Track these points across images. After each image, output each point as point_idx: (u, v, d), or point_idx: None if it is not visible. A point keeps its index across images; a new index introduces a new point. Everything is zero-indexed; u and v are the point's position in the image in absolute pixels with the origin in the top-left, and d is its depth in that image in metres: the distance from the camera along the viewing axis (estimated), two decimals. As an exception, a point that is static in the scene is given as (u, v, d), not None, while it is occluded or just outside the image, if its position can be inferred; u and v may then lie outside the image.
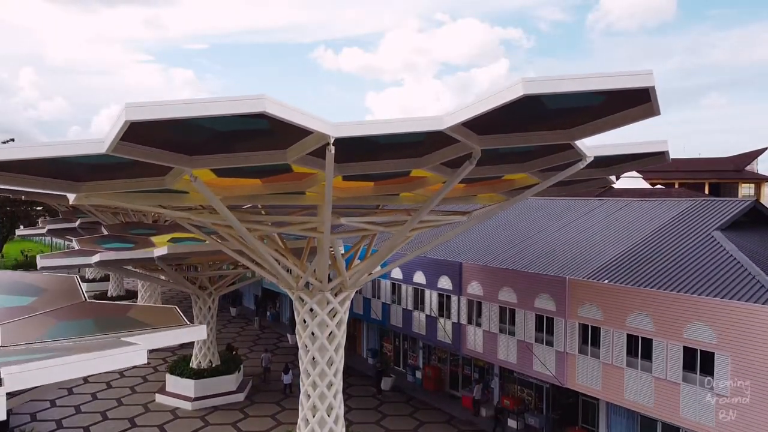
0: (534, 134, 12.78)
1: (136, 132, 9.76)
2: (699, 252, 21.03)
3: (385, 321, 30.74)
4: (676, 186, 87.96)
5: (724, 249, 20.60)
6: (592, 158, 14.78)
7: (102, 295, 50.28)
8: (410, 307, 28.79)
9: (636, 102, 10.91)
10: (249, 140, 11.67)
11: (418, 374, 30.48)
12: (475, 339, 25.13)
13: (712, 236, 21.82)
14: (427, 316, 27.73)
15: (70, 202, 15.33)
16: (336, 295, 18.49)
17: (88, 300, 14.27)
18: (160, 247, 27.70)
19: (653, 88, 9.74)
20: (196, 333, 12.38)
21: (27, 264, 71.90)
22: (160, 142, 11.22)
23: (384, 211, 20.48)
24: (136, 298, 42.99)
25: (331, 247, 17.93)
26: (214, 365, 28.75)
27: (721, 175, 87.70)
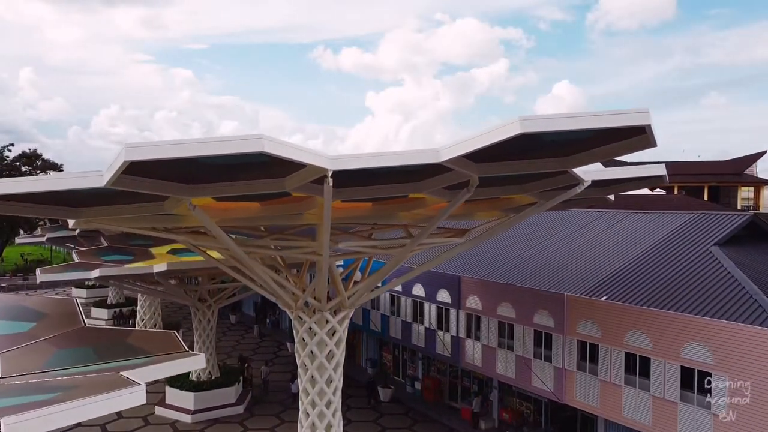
0: (531, 162, 12.85)
1: (135, 167, 9.81)
2: (697, 269, 21.09)
3: (385, 332, 30.81)
4: (676, 189, 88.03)
5: (722, 266, 20.65)
6: (590, 182, 14.87)
7: (102, 302, 50.33)
8: (409, 320, 28.86)
9: (633, 134, 10.97)
10: (248, 171, 11.73)
11: (417, 385, 30.56)
12: (473, 353, 25.20)
13: (710, 252, 21.88)
14: (426, 328, 27.80)
15: (70, 226, 15.43)
16: (335, 313, 18.56)
17: (87, 325, 14.36)
18: (159, 258, 27.80)
19: (649, 126, 9.79)
20: (195, 363, 12.44)
21: (27, 269, 71.99)
22: (159, 175, 11.28)
23: (383, 226, 20.57)
24: (136, 305, 42.99)
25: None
26: (213, 377, 28.82)
27: (720, 179, 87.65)
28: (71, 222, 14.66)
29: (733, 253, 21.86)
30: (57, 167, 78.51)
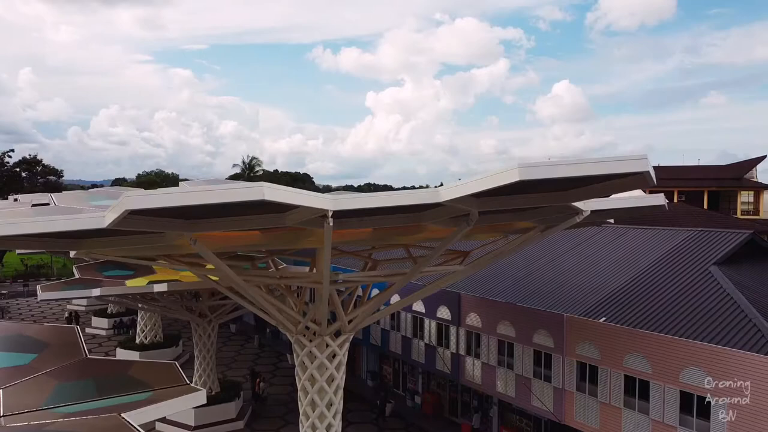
0: (530, 197, 12.90)
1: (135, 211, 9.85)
2: (696, 290, 21.13)
3: (385, 347, 30.84)
4: (675, 194, 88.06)
5: (721, 287, 20.70)
6: (589, 212, 14.93)
7: (102, 311, 50.30)
8: (409, 335, 28.90)
9: (631, 174, 11.01)
10: (249, 208, 11.77)
11: (418, 399, 30.60)
12: (473, 370, 25.23)
13: (709, 272, 21.92)
14: (426, 344, 27.83)
15: (71, 256, 15.49)
16: (336, 335, 18.60)
17: (88, 356, 14.37)
18: (160, 273, 27.84)
19: (647, 172, 9.82)
20: (196, 399, 12.48)
21: (27, 274, 71.98)
22: (159, 214, 11.32)
23: (383, 245, 20.62)
24: (137, 315, 42.97)
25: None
26: (213, 392, 28.84)
27: (720, 183, 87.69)
28: (72, 252, 14.73)
29: (733, 273, 21.90)
30: (57, 173, 78.60)
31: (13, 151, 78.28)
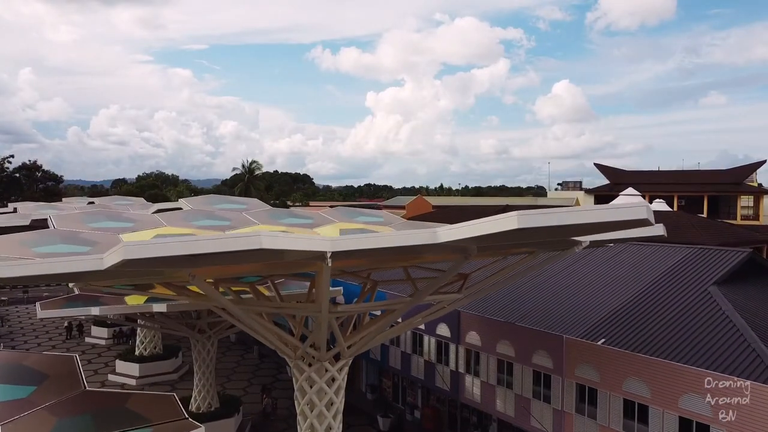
0: (529, 233, 12.90)
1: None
2: (695, 311, 21.13)
3: (384, 362, 30.85)
4: (675, 198, 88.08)
5: (721, 309, 20.69)
6: (588, 243, 14.96)
7: (102, 320, 50.20)
8: (409, 351, 28.91)
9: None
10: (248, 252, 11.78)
11: (417, 413, 30.61)
12: (473, 388, 25.24)
13: (709, 293, 21.92)
14: (425, 361, 27.84)
15: (70, 286, 15.53)
16: (335, 359, 18.61)
17: (87, 388, 14.37)
18: (159, 288, 27.85)
19: (647, 219, 9.83)
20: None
21: (27, 280, 71.95)
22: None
23: (381, 268, 20.63)
24: (136, 323, 42.93)
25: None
26: (213, 408, 28.86)
27: (720, 188, 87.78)
28: (72, 284, 14.78)
29: (732, 294, 21.90)
30: (57, 179, 78.60)
31: (13, 156, 78.25)
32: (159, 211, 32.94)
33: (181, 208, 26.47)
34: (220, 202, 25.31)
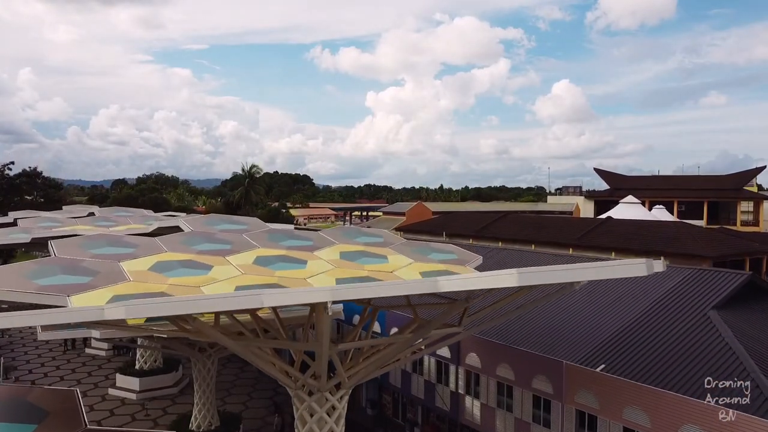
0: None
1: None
2: (694, 337, 21.18)
3: (384, 380, 30.90)
4: (675, 204, 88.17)
5: (720, 335, 20.75)
6: (586, 282, 15.02)
7: (102, 330, 50.29)
8: (409, 370, 28.96)
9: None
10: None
11: (417, 431, 30.64)
12: (473, 410, 25.29)
13: (708, 317, 21.97)
14: (425, 381, 27.89)
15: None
16: (336, 388, 18.67)
17: (87, 426, 14.41)
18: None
19: (647, 274, 9.88)
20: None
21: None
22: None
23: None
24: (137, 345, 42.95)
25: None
26: (213, 426, 28.92)
27: (720, 194, 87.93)
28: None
29: (731, 318, 21.96)
30: (58, 186, 78.59)
31: (13, 163, 78.18)
32: (158, 226, 32.97)
33: (179, 218, 26.61)
34: (220, 222, 25.47)
